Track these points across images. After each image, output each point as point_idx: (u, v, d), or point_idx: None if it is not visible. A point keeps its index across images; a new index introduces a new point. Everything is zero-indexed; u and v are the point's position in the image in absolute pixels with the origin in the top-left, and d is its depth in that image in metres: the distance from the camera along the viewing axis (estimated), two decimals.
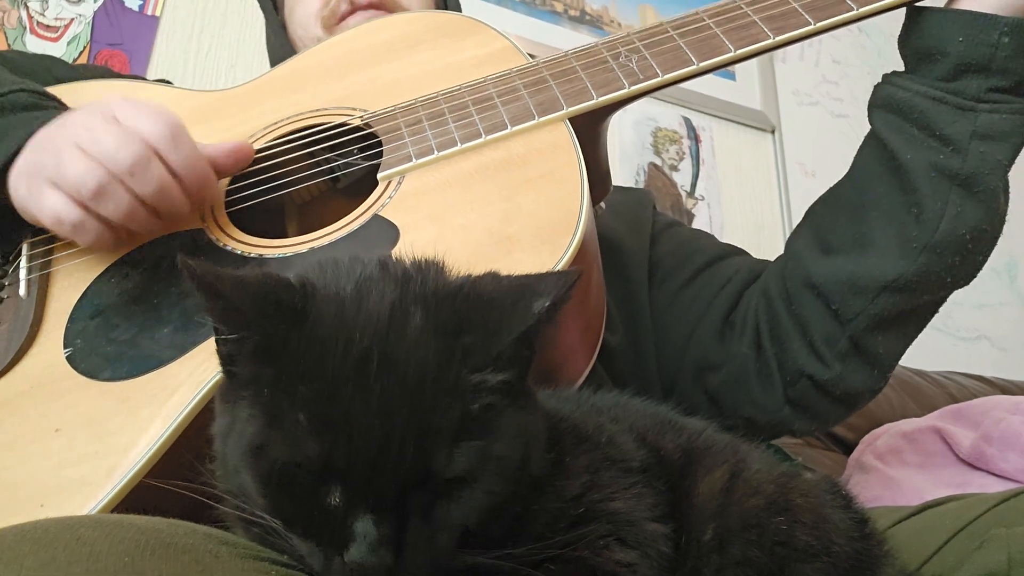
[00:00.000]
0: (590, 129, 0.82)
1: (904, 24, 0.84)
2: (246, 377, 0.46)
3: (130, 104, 0.74)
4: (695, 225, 2.13)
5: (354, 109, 0.86)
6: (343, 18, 1.05)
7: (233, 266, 0.65)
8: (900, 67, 0.85)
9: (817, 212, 0.92)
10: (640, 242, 1.05)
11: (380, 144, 0.82)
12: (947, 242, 0.80)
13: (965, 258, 0.81)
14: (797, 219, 0.94)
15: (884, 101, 0.84)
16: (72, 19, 1.69)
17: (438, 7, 1.13)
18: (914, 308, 0.85)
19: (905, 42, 0.84)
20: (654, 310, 1.01)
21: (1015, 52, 0.77)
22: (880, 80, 0.86)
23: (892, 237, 0.82)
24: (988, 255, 0.84)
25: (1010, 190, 0.83)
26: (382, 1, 1.05)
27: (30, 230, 0.81)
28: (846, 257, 0.84)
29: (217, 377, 0.64)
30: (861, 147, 0.88)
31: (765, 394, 0.90)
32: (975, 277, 0.85)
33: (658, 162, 2.16)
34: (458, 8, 1.16)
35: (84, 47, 1.67)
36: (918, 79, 0.81)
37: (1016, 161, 0.82)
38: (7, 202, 0.76)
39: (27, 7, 1.66)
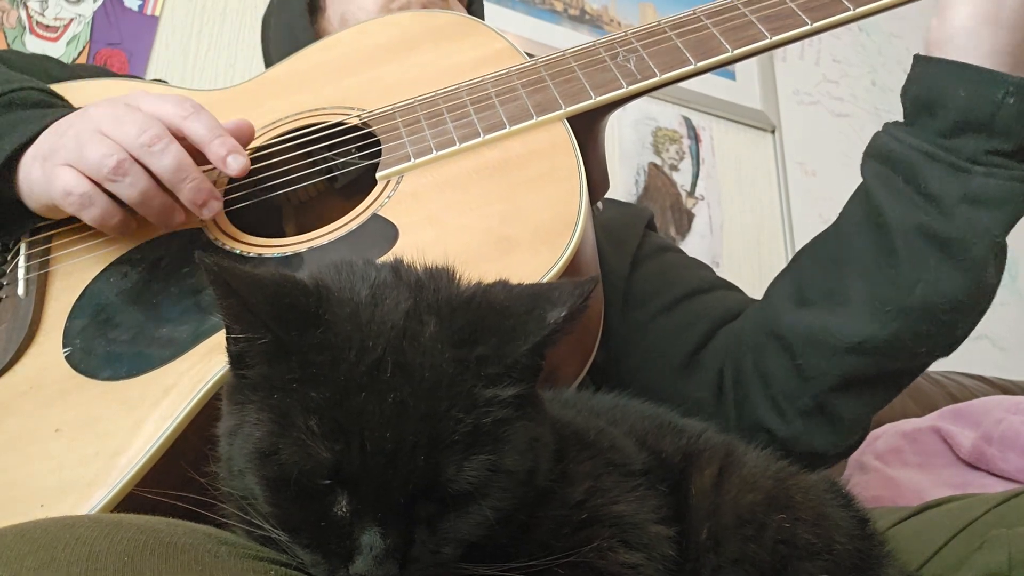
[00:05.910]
0: (588, 129, 0.82)
1: (909, 73, 0.79)
2: (256, 379, 0.45)
3: (154, 95, 0.76)
4: (695, 225, 2.12)
5: (352, 109, 0.86)
6: None
7: None
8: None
9: (801, 258, 0.88)
10: (620, 263, 1.01)
11: (378, 144, 0.82)
12: (920, 309, 0.75)
13: (940, 329, 0.76)
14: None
15: (877, 150, 0.80)
16: (71, 19, 1.68)
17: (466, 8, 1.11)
18: (885, 374, 0.80)
19: (906, 91, 0.79)
20: (624, 338, 0.97)
21: (1020, 114, 0.72)
22: (881, 126, 0.82)
23: (866, 297, 0.77)
24: (969, 329, 0.78)
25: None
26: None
27: (31, 223, 0.80)
28: (817, 311, 0.80)
29: (219, 375, 0.64)
30: (851, 197, 0.83)
31: None
32: (955, 349, 0.79)
33: (658, 162, 2.16)
34: (481, 11, 1.15)
35: (83, 47, 1.67)
36: (914, 132, 0.77)
37: None
38: (12, 194, 0.77)
39: (27, 7, 1.66)
